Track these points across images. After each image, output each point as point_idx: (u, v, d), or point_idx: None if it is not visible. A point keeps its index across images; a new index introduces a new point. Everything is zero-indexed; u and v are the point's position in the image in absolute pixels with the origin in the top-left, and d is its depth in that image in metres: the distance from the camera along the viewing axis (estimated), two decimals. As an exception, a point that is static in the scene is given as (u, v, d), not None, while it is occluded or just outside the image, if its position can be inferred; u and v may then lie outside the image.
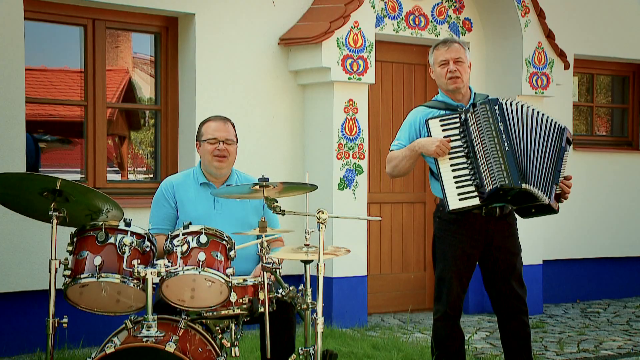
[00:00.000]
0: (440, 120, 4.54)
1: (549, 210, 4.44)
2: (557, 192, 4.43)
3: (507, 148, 4.34)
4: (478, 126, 4.43)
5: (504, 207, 4.59)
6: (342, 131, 7.04)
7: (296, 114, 7.19)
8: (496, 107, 4.43)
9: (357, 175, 7.12)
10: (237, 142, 4.63)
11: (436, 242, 4.69)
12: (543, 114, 4.49)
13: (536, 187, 4.35)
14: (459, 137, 4.48)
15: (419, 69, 8.01)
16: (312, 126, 7.16)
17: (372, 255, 7.70)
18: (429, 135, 4.53)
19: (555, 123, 4.49)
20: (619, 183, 9.09)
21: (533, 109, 4.48)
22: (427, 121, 4.56)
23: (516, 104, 4.46)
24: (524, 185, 4.33)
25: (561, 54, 8.04)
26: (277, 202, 4.00)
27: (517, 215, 4.68)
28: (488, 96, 4.64)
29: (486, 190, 4.33)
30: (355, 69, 7.00)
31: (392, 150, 4.72)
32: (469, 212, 4.51)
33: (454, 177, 4.43)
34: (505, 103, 4.45)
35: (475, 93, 4.74)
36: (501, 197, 4.38)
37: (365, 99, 7.16)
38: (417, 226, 8.03)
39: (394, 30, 7.53)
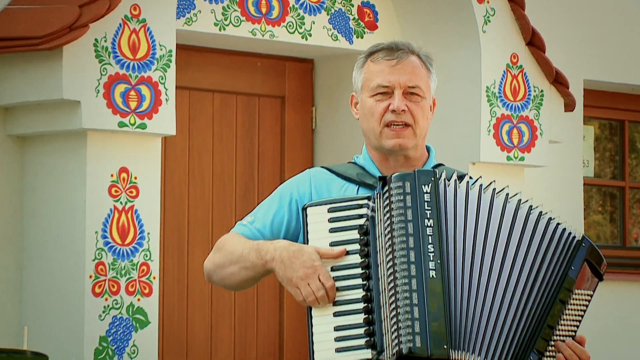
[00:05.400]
0: (331, 210, 4.57)
1: None
2: None
3: (432, 275, 4.40)
4: (386, 227, 4.50)
5: None
6: (105, 235, 7.02)
7: (7, 195, 7.22)
8: (426, 189, 4.48)
9: (135, 331, 7.06)
10: None
11: None
12: (544, 215, 4.56)
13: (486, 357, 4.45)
14: (358, 247, 4.55)
15: (271, 104, 8.33)
16: (39, 224, 7.28)
17: None
18: (305, 233, 4.58)
19: (564, 231, 4.58)
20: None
21: (512, 199, 4.53)
22: (305, 208, 4.60)
23: (474, 184, 4.52)
24: (454, 355, 4.38)
25: (559, 80, 8.32)
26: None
27: None
28: (459, 173, 4.69)
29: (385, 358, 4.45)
30: (133, 105, 7.17)
31: (233, 230, 4.80)
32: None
33: (335, 328, 4.54)
34: (446, 181, 4.50)
35: (439, 165, 4.79)
36: None
37: (155, 166, 7.41)
38: None
39: (215, 24, 7.70)
